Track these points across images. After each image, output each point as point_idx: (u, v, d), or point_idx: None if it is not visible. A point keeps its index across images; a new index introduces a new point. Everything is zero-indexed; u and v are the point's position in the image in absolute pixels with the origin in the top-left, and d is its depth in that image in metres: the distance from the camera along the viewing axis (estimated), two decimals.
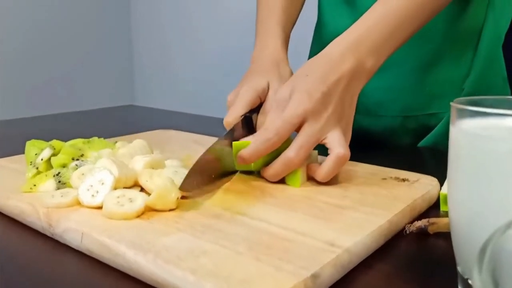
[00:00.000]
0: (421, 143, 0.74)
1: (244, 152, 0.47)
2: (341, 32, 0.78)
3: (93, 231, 0.36)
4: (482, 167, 0.27)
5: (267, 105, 0.57)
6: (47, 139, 0.52)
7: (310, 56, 0.89)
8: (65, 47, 2.08)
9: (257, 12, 0.74)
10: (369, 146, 0.72)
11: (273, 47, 0.66)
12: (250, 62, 0.66)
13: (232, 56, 1.89)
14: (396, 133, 0.77)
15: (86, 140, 0.56)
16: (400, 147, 0.76)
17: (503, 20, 0.65)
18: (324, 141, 0.47)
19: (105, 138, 0.56)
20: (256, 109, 0.58)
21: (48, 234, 0.39)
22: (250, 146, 0.47)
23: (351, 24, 0.77)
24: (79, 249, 0.36)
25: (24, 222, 0.42)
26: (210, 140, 0.67)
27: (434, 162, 0.70)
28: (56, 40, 2.04)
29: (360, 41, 0.51)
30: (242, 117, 0.54)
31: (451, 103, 0.29)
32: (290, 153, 0.46)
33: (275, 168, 0.47)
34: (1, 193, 0.45)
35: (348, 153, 0.46)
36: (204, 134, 0.73)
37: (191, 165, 0.44)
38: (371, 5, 0.73)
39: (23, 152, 0.53)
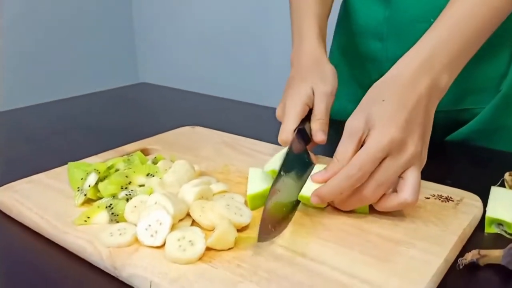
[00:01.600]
0: (449, 137, 0.74)
1: (323, 191, 0.43)
2: (373, 25, 0.75)
3: (162, 280, 0.37)
4: None
5: (316, 110, 0.56)
6: (65, 125, 0.52)
7: (333, 49, 0.86)
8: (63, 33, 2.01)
9: (291, 6, 0.71)
10: None
11: (310, 45, 0.63)
12: (290, 64, 0.64)
13: (243, 28, 1.85)
14: None
15: (125, 158, 0.57)
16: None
17: None
18: (400, 175, 0.44)
19: (124, 124, 0.53)
20: (307, 117, 0.56)
21: (112, 274, 0.41)
22: (330, 183, 0.43)
23: (383, 18, 0.75)
24: None
25: (85, 258, 0.43)
26: (241, 142, 0.68)
27: (465, 159, 0.70)
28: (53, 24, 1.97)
29: (433, 58, 0.47)
30: (296, 131, 0.53)
31: None
32: (367, 192, 0.43)
33: (349, 204, 0.45)
34: (55, 224, 0.47)
35: (415, 201, 0.43)
36: (225, 125, 0.76)
37: (231, 179, 0.48)
38: None
39: (41, 140, 0.52)
